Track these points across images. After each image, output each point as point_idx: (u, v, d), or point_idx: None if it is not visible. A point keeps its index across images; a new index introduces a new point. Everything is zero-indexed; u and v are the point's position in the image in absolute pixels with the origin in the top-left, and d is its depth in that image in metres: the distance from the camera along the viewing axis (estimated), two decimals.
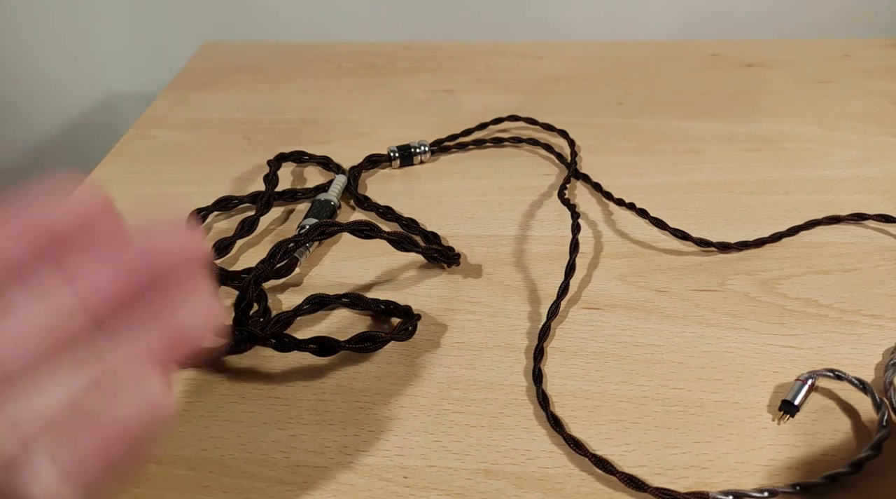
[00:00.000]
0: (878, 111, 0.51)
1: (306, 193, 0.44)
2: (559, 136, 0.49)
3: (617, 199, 0.43)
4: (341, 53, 0.62)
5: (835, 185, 0.44)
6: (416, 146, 0.47)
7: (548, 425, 0.30)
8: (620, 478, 0.28)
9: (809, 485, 0.27)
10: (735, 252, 0.39)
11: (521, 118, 0.50)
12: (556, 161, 0.47)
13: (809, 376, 0.31)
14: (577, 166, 0.46)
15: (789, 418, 0.30)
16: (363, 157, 0.47)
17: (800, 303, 0.36)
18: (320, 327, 0.36)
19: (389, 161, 0.47)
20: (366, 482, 0.29)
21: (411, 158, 0.47)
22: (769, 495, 0.27)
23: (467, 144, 0.49)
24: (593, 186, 0.44)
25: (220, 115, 0.54)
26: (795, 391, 0.31)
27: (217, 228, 0.42)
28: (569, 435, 0.30)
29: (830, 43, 0.60)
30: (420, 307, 0.36)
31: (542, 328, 0.34)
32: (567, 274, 0.36)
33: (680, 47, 0.61)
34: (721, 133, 0.49)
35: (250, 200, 0.43)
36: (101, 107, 0.77)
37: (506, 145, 0.49)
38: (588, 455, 0.29)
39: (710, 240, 0.39)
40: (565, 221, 0.41)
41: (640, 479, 0.28)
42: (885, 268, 0.38)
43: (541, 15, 0.67)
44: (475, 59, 0.61)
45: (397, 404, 0.32)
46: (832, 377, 0.31)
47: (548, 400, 0.31)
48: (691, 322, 0.35)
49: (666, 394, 0.32)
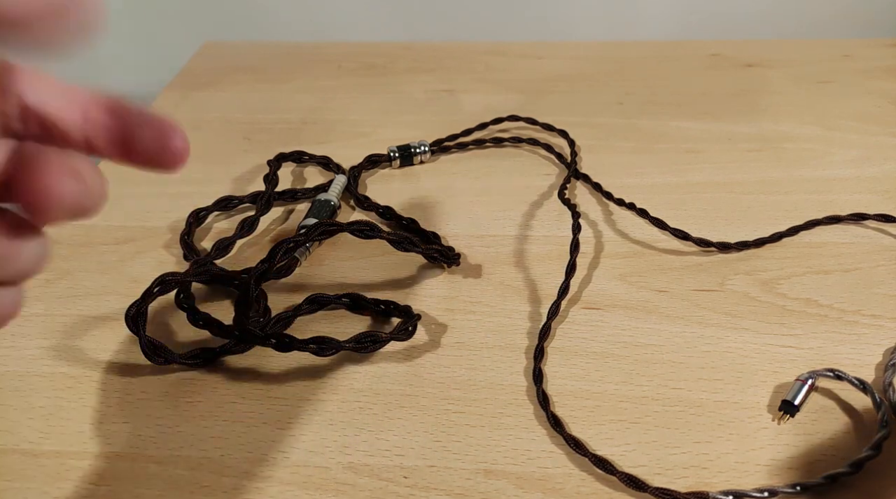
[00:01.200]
0: (878, 111, 0.51)
1: (306, 192, 0.44)
2: (559, 136, 0.49)
3: (617, 199, 0.43)
4: (341, 53, 0.62)
5: (835, 185, 0.44)
6: (416, 146, 0.47)
7: (548, 425, 0.30)
8: (620, 478, 0.28)
9: (810, 485, 0.28)
10: (735, 252, 0.39)
11: (521, 118, 0.50)
12: (555, 161, 0.47)
13: (809, 376, 0.31)
14: (577, 166, 0.46)
15: (789, 418, 0.30)
16: (363, 157, 0.47)
17: (800, 303, 0.36)
18: (320, 327, 0.36)
19: (389, 161, 0.47)
20: (366, 482, 0.29)
21: (411, 158, 0.47)
22: (769, 495, 0.27)
23: (467, 144, 0.49)
24: (593, 186, 0.44)
25: (220, 115, 0.54)
26: (795, 391, 0.31)
27: (217, 227, 0.42)
28: (569, 435, 0.30)
29: (830, 43, 0.60)
30: (420, 307, 0.36)
31: (543, 328, 0.34)
32: (568, 274, 0.36)
33: (680, 47, 0.61)
34: (721, 133, 0.49)
35: (250, 200, 0.43)
36: None
37: (506, 145, 0.49)
38: (588, 455, 0.29)
39: (710, 240, 0.39)
40: (565, 222, 0.41)
41: (640, 479, 0.28)
42: (885, 268, 0.38)
43: (541, 15, 0.67)
44: (475, 59, 0.61)
45: (397, 404, 0.32)
46: (832, 377, 0.31)
47: (548, 400, 0.31)
48: (691, 322, 0.35)
49: (666, 394, 0.32)
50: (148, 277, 0.34)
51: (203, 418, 0.31)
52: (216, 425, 0.31)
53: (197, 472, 0.29)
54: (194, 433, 0.31)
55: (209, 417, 0.31)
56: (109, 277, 0.39)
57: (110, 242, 0.41)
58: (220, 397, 0.32)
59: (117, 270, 0.39)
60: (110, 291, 0.38)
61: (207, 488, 0.29)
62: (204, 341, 0.34)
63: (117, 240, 0.41)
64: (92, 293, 0.38)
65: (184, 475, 0.29)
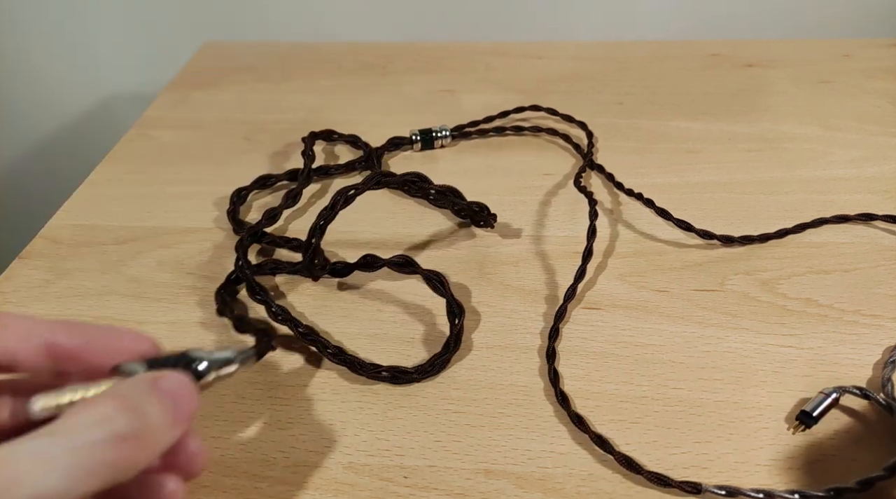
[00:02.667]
0: (878, 111, 0.51)
1: (338, 169, 0.46)
2: (578, 127, 0.50)
3: (627, 189, 0.43)
4: (341, 53, 0.62)
5: (835, 185, 0.44)
6: (438, 131, 0.49)
7: (547, 425, 0.30)
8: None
9: (810, 495, 0.27)
10: (739, 246, 0.39)
11: (542, 108, 0.51)
12: (572, 151, 0.48)
13: (835, 391, 0.30)
14: (593, 157, 0.47)
15: (805, 429, 0.30)
16: (363, 157, 0.47)
17: (800, 303, 0.36)
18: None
19: (411, 144, 0.49)
20: (366, 482, 0.29)
21: (432, 142, 0.49)
22: (765, 496, 0.27)
23: (488, 131, 0.50)
24: (606, 177, 0.45)
25: (220, 115, 0.54)
26: (816, 404, 0.30)
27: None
28: (595, 433, 0.29)
29: (830, 43, 0.60)
30: (420, 307, 0.36)
31: (552, 330, 0.34)
32: (584, 259, 0.37)
33: (680, 47, 0.61)
34: (721, 133, 0.49)
35: (288, 177, 0.46)
36: (101, 107, 0.77)
37: (525, 134, 0.50)
38: (614, 453, 0.29)
39: (714, 232, 0.39)
40: (565, 221, 0.41)
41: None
42: (885, 268, 0.38)
43: (541, 15, 0.67)
44: (475, 60, 0.61)
45: (397, 404, 0.32)
46: (858, 395, 0.30)
47: (568, 399, 0.31)
48: (691, 322, 0.35)
49: (666, 394, 0.32)
50: (148, 277, 0.34)
51: (203, 418, 0.31)
52: (216, 425, 0.31)
53: None
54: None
55: (209, 417, 0.31)
56: (110, 277, 0.39)
57: (110, 242, 0.41)
58: (220, 397, 0.32)
59: (118, 270, 0.39)
60: (111, 291, 0.38)
61: (207, 488, 0.29)
62: (239, 342, 0.35)
63: (117, 240, 0.41)
64: (92, 293, 0.38)
65: None
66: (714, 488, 0.27)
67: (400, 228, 0.42)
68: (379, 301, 0.37)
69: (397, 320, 0.36)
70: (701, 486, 0.27)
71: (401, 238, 0.41)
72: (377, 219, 0.43)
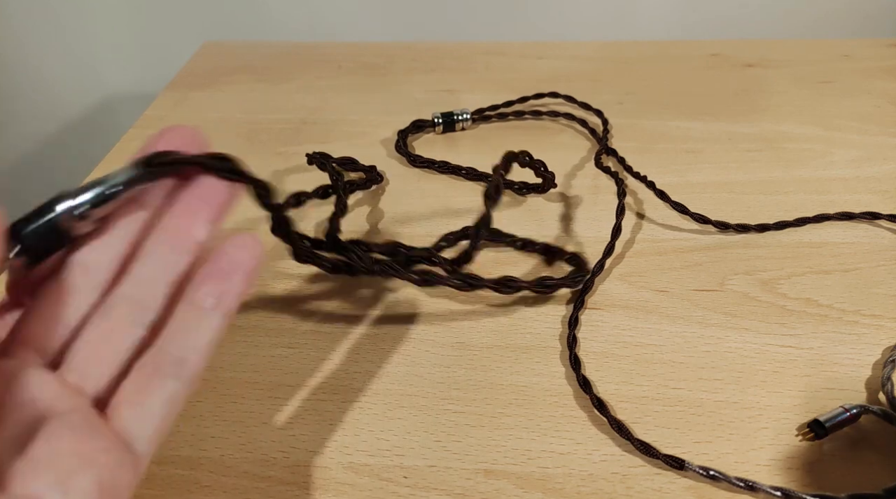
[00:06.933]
0: (878, 111, 0.51)
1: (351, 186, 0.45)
2: (595, 114, 0.52)
3: (634, 172, 0.45)
4: (341, 53, 0.62)
5: (835, 185, 0.44)
6: (459, 114, 0.51)
7: (547, 425, 0.30)
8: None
9: (794, 495, 0.27)
10: (734, 234, 0.40)
11: (560, 95, 0.53)
12: (588, 135, 0.50)
13: (857, 409, 0.29)
14: (609, 142, 0.48)
15: (813, 438, 0.29)
16: (363, 157, 0.47)
17: (800, 303, 0.36)
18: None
19: (433, 126, 0.51)
20: (366, 482, 0.29)
21: (453, 124, 0.51)
22: (745, 486, 0.27)
23: (507, 115, 0.52)
24: (618, 160, 0.47)
25: (220, 115, 0.54)
26: (832, 416, 0.29)
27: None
28: (639, 440, 0.29)
29: (830, 43, 0.60)
30: (420, 307, 0.36)
31: (570, 337, 0.34)
32: (613, 234, 0.39)
33: (680, 47, 0.61)
34: (721, 133, 0.49)
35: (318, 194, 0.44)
36: (101, 107, 0.77)
37: (543, 118, 0.52)
38: (660, 456, 0.29)
39: (709, 217, 0.41)
40: (571, 218, 0.41)
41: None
42: (885, 268, 0.38)
43: (541, 15, 0.67)
44: (475, 59, 0.61)
45: (397, 404, 0.32)
46: (879, 416, 0.29)
47: (605, 406, 0.31)
48: (691, 322, 0.35)
49: (666, 394, 0.32)
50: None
51: (203, 417, 0.31)
52: (216, 424, 0.31)
53: (197, 472, 0.29)
54: (194, 433, 0.31)
55: (209, 417, 0.31)
56: None
57: None
58: (220, 397, 0.32)
59: None
60: None
61: (208, 488, 0.29)
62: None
63: None
64: None
65: (183, 475, 0.29)
66: (697, 467, 0.28)
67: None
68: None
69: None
70: (684, 462, 0.28)
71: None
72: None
